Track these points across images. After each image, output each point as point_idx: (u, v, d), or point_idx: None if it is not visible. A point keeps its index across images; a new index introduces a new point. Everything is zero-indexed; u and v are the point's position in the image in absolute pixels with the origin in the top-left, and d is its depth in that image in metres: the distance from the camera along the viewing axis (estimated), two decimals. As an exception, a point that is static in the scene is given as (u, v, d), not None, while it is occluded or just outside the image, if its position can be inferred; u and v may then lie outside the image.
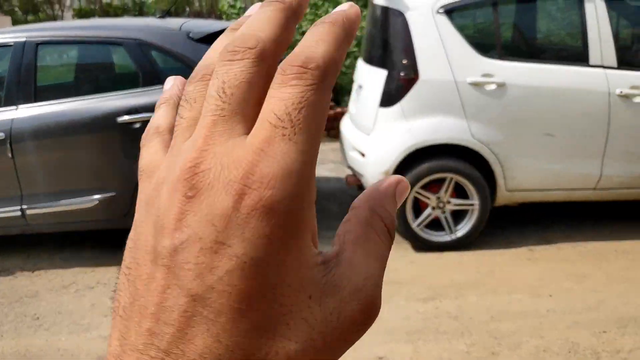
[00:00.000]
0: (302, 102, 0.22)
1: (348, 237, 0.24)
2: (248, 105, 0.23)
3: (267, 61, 0.23)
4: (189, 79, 0.25)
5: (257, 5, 0.26)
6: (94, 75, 4.12)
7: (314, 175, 0.23)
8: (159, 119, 0.27)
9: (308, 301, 0.22)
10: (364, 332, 0.24)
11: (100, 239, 4.36)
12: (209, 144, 0.22)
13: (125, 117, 3.71)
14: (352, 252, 0.24)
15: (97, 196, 3.82)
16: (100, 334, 3.19)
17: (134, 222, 0.24)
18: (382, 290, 0.25)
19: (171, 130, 0.26)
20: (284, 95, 0.22)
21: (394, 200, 0.26)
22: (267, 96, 0.22)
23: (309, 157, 0.22)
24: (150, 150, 0.26)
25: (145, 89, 3.78)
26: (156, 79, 3.79)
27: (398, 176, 0.27)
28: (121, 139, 3.76)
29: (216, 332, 0.20)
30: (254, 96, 0.23)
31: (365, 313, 0.24)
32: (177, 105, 0.27)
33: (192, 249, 0.21)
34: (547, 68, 3.81)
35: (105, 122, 3.74)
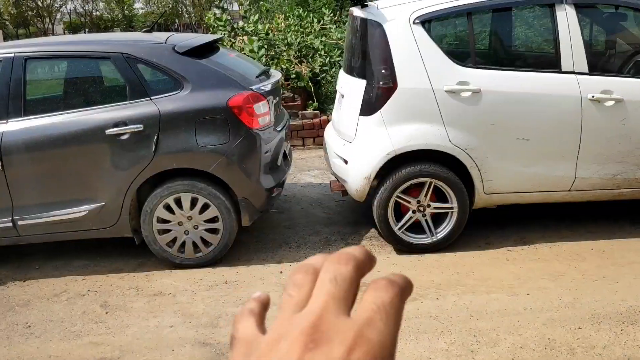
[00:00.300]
0: (393, 303, 0.30)
1: None
2: (349, 295, 0.31)
3: (362, 271, 0.32)
4: (293, 271, 0.33)
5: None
6: (82, 89, 4.22)
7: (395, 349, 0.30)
8: (253, 303, 0.35)
9: None
10: None
11: (90, 248, 4.45)
12: (325, 314, 0.29)
13: (114, 129, 3.81)
14: None
15: (86, 206, 3.91)
16: (90, 340, 3.28)
17: None
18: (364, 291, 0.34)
19: (262, 312, 0.34)
20: (376, 296, 0.31)
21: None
22: (365, 294, 0.31)
23: (394, 341, 0.30)
24: (246, 325, 0.33)
25: (133, 101, 3.89)
26: (143, 91, 3.90)
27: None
28: (110, 151, 3.86)
29: None
30: (354, 291, 0.31)
31: None
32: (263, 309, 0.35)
33: None
34: (520, 75, 3.95)
35: (94, 134, 3.84)
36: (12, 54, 3.99)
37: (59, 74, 4.54)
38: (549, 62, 4.06)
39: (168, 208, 3.96)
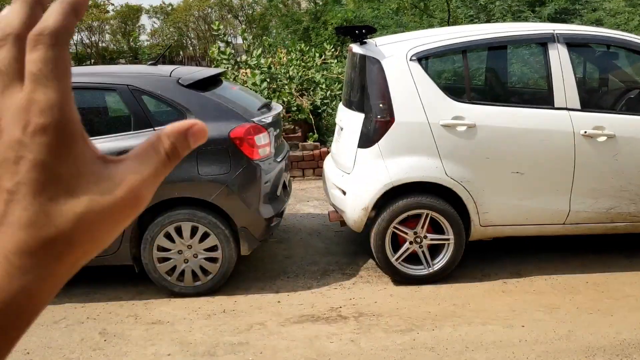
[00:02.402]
0: (45, 59, 0.30)
1: (133, 150, 0.34)
2: (18, 71, 0.31)
3: (21, 41, 0.31)
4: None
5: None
6: (88, 119, 4.32)
7: (73, 102, 0.32)
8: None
9: (89, 184, 0.32)
10: (133, 215, 0.33)
11: (90, 275, 4.49)
12: None
13: (117, 158, 3.89)
14: (130, 159, 0.34)
15: (88, 234, 3.97)
16: (89, 367, 3.30)
17: None
18: (362, 322, 0.38)
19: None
20: (32, 57, 0.30)
21: (184, 137, 0.34)
22: (26, 60, 0.31)
23: (63, 93, 0.31)
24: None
25: (137, 132, 3.99)
26: (147, 122, 4.00)
27: (194, 121, 0.34)
28: (113, 179, 3.93)
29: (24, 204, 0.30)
30: (20, 66, 0.31)
31: (131, 199, 0.33)
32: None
33: None
34: (514, 111, 4.06)
35: (98, 163, 3.92)
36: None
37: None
38: (543, 98, 4.19)
39: (168, 236, 4.02)
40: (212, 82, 4.44)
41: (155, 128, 3.97)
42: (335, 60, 8.43)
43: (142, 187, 0.33)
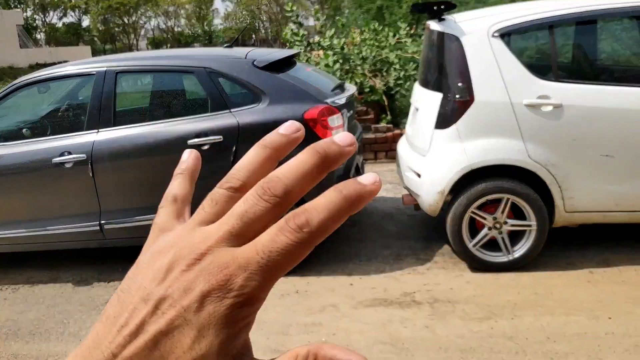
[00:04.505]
0: (285, 251, 0.29)
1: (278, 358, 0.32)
2: (252, 231, 0.31)
3: (283, 207, 0.31)
4: (221, 181, 0.33)
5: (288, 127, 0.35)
6: (167, 101, 4.44)
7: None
8: (176, 188, 0.37)
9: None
10: None
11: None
12: (214, 248, 0.30)
13: (195, 140, 3.97)
14: None
15: (167, 213, 4.09)
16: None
17: (138, 260, 0.32)
18: (437, 308, 0.35)
19: (184, 201, 0.36)
20: (276, 239, 0.29)
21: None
22: (268, 229, 0.30)
23: (265, 289, 0.30)
24: (166, 212, 0.36)
25: (214, 113, 4.05)
26: (223, 104, 4.05)
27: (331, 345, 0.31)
28: (190, 160, 4.02)
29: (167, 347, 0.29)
30: (262, 225, 0.31)
31: None
32: (191, 178, 0.38)
33: (177, 307, 0.29)
34: (605, 89, 3.79)
35: (177, 144, 4.02)
36: (105, 69, 4.26)
37: (146, 87, 4.80)
38: (636, 75, 3.88)
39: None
40: (286, 64, 4.42)
41: (232, 110, 4.01)
42: (410, 39, 8.21)
43: None
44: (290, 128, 0.35)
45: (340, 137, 0.33)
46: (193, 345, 0.29)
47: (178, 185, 0.38)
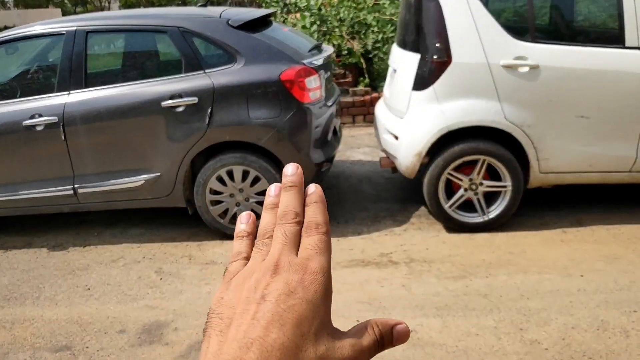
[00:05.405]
0: (322, 241, 0.43)
1: (353, 328, 0.43)
2: (294, 243, 0.43)
3: (301, 223, 0.45)
4: (259, 236, 0.46)
5: (276, 187, 0.48)
6: (139, 62, 4.32)
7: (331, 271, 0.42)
8: (242, 247, 0.47)
9: (327, 337, 0.40)
10: None
11: (146, 217, 4.60)
12: (281, 256, 0.42)
13: (169, 102, 3.90)
14: (350, 334, 0.42)
15: (143, 176, 4.04)
16: (146, 304, 3.41)
17: (220, 296, 0.42)
18: (414, 267, 0.47)
19: (248, 257, 0.46)
20: (311, 240, 0.43)
21: (390, 332, 0.43)
22: (302, 241, 0.44)
23: (329, 263, 0.42)
24: (236, 265, 0.45)
25: (188, 74, 3.96)
26: (198, 65, 3.96)
27: (400, 321, 0.44)
28: (165, 123, 3.96)
29: (285, 333, 0.38)
30: (297, 238, 0.44)
31: None
32: (251, 239, 0.47)
33: (274, 294, 0.39)
34: (581, 50, 3.80)
35: (151, 107, 3.94)
36: (75, 28, 4.12)
37: (118, 48, 4.67)
38: (612, 37, 3.89)
39: (220, 180, 4.04)
40: (262, 24, 4.33)
41: (206, 71, 3.93)
42: (388, 1, 8.10)
43: (360, 355, 0.40)
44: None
45: (286, 169, 0.48)
46: (314, 318, 0.39)
47: (244, 245, 0.48)
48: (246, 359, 0.36)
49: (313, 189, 0.47)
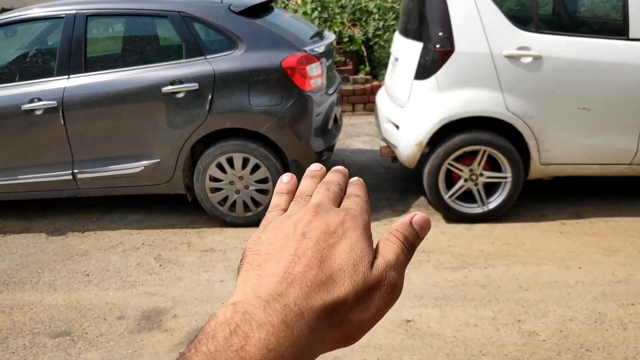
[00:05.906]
0: (363, 201, 0.45)
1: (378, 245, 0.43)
2: (335, 200, 0.45)
3: (343, 191, 0.47)
4: (298, 195, 0.47)
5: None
6: (140, 47, 4.28)
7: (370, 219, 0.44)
8: (281, 202, 0.48)
9: (368, 269, 0.40)
10: (391, 297, 0.40)
11: (145, 203, 4.59)
12: (322, 203, 0.43)
13: (169, 87, 3.87)
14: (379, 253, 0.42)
15: (142, 162, 4.03)
16: (145, 290, 3.41)
17: (257, 236, 0.43)
18: (413, 258, 0.42)
19: (286, 210, 0.46)
20: (351, 200, 0.45)
21: (408, 225, 0.44)
22: (343, 202, 0.45)
23: (369, 219, 0.44)
24: (273, 214, 0.46)
25: (188, 60, 3.93)
26: (198, 50, 3.93)
27: (414, 213, 0.45)
28: (165, 108, 3.93)
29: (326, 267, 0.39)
30: (339, 199, 0.45)
31: (383, 283, 0.40)
32: (290, 196, 0.48)
33: (315, 232, 0.40)
34: (584, 41, 3.77)
35: (151, 92, 3.92)
36: (74, 12, 4.08)
37: (118, 32, 4.63)
38: (616, 28, 3.86)
39: (220, 167, 4.03)
40: (263, 9, 4.30)
41: (207, 57, 3.90)
42: (390, -11, 8.03)
43: (389, 271, 0.40)
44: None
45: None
46: (351, 250, 0.40)
47: (282, 200, 0.49)
48: (287, 293, 0.36)
49: (356, 178, 0.50)
